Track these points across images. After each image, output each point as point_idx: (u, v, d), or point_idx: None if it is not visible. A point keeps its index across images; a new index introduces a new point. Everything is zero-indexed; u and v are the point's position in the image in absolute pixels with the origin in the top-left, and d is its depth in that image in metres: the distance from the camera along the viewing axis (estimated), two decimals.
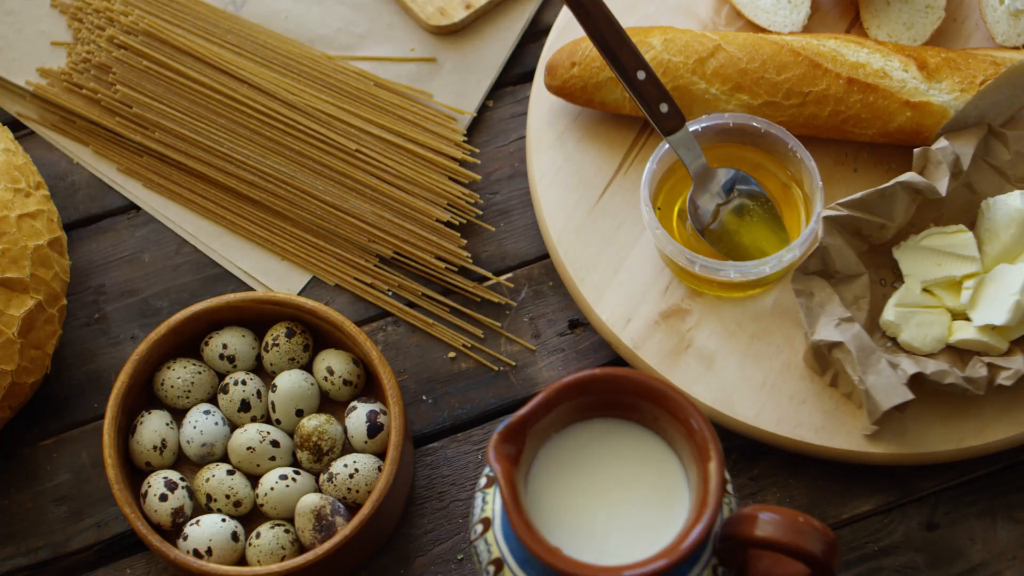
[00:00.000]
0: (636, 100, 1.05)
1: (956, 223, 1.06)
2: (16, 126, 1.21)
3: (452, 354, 1.12)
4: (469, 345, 1.12)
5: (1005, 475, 1.06)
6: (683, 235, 1.09)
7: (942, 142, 1.05)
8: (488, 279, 1.14)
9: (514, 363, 1.11)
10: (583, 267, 1.09)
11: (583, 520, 0.87)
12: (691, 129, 1.07)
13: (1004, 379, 1.00)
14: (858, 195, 1.04)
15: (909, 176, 1.04)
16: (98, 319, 1.14)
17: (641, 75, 1.05)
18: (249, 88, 1.19)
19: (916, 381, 1.01)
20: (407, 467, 1.03)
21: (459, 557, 1.05)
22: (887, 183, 1.04)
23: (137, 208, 1.18)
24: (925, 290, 1.05)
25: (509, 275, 1.14)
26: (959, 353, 1.04)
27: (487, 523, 0.90)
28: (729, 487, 0.91)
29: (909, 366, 1.01)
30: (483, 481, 0.93)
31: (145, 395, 1.06)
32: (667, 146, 1.07)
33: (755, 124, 1.07)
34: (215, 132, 1.18)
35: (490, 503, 0.91)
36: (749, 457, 1.06)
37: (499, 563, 0.88)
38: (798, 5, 1.14)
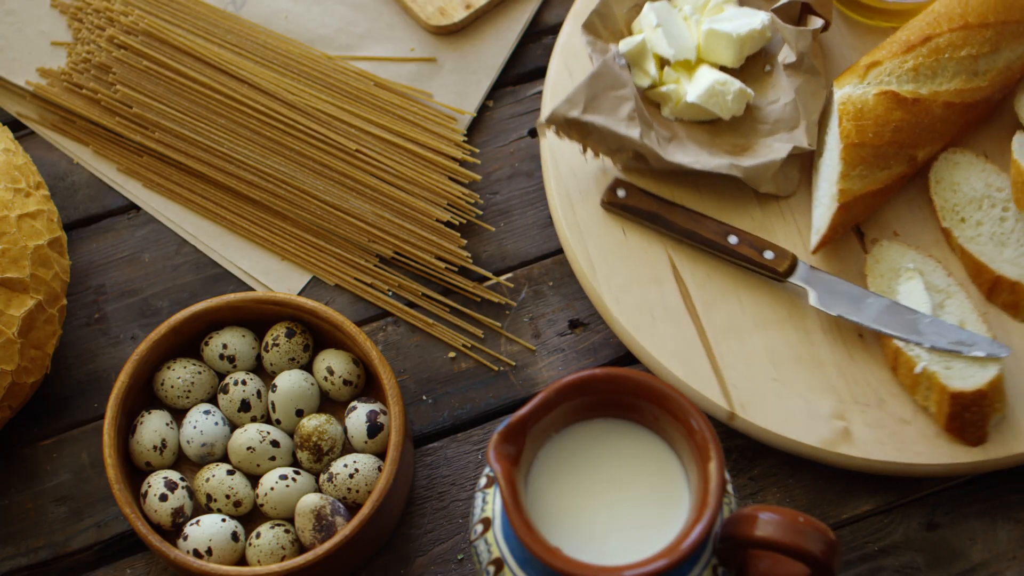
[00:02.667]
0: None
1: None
2: (16, 126, 1.21)
3: (452, 354, 1.12)
4: (469, 345, 1.12)
5: (1005, 475, 1.05)
6: None
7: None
8: (488, 279, 1.14)
9: (514, 363, 1.11)
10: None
11: (583, 520, 0.87)
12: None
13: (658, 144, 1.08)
14: None
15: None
16: (98, 319, 1.14)
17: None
18: (249, 88, 1.19)
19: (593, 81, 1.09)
20: (407, 467, 1.03)
21: (459, 557, 1.05)
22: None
23: (137, 208, 1.18)
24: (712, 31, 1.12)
25: (509, 275, 1.14)
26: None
27: (487, 523, 0.90)
28: (729, 487, 0.91)
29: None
30: (483, 481, 0.93)
31: (145, 395, 1.06)
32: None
33: None
34: (215, 132, 1.18)
35: (490, 503, 0.91)
36: (749, 457, 1.06)
37: (499, 563, 0.88)
38: None
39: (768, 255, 1.07)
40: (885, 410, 1.03)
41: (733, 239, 1.07)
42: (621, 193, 1.09)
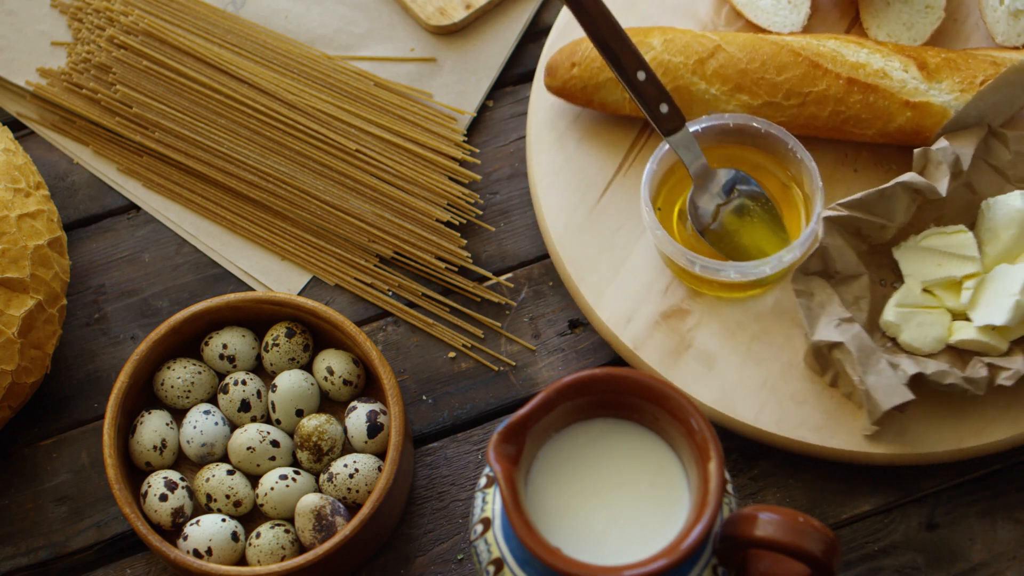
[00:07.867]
0: (636, 101, 1.05)
1: (956, 223, 1.06)
2: (16, 126, 1.21)
3: (452, 354, 1.12)
4: (469, 345, 1.12)
5: (1005, 475, 1.06)
6: (683, 236, 1.08)
7: (942, 142, 1.05)
8: (488, 279, 1.14)
9: (514, 363, 1.11)
10: (583, 267, 1.09)
11: (583, 520, 0.87)
12: (691, 129, 1.07)
13: (1004, 379, 1.00)
14: (858, 195, 1.04)
15: (909, 176, 1.04)
16: (98, 319, 1.14)
17: (641, 75, 1.05)
18: (249, 88, 1.19)
19: (916, 381, 1.01)
20: (407, 467, 1.03)
21: (459, 557, 1.05)
22: (887, 183, 1.04)
23: (137, 208, 1.18)
24: (925, 290, 1.05)
25: (509, 275, 1.14)
26: (959, 353, 1.04)
27: (487, 523, 0.90)
28: (729, 487, 0.91)
29: (909, 366, 1.01)
30: (483, 481, 0.93)
31: (145, 395, 1.06)
32: (667, 146, 1.07)
33: (755, 124, 1.07)
34: (215, 132, 1.18)
35: (490, 503, 0.91)
36: (749, 457, 1.06)
37: (499, 563, 0.88)
38: (798, 5, 1.14)
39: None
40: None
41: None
42: None
